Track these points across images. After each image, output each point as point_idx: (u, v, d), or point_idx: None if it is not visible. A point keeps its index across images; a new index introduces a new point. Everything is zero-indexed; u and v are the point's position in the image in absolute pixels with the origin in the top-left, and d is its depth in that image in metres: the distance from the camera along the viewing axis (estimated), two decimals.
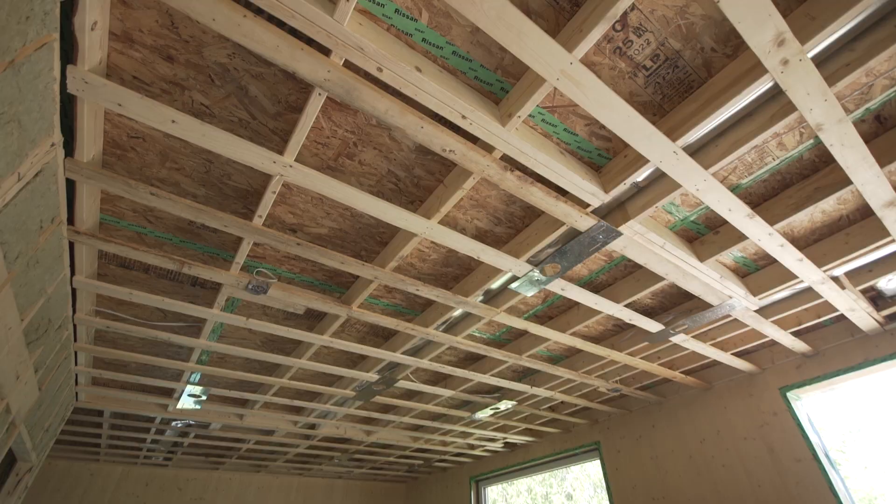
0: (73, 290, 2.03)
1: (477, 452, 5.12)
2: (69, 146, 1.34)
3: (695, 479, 3.23)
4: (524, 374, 3.36)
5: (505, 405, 3.56)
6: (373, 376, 2.96)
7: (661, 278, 2.12)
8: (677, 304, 2.52)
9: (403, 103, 1.27)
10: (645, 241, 1.83)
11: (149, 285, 2.14)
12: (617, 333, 2.84)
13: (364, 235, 1.92)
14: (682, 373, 3.26)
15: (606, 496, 3.77)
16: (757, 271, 2.28)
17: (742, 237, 1.88)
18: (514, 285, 2.04)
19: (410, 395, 3.63)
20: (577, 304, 2.51)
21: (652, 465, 3.55)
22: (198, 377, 3.06)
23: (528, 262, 1.93)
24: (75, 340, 2.40)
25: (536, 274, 1.97)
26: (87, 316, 2.18)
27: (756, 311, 2.46)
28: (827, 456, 2.75)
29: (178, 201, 1.51)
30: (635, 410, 3.88)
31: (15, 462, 2.60)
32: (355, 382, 3.09)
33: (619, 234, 1.74)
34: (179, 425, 3.83)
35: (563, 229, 1.75)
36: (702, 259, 2.00)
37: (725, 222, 1.95)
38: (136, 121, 1.38)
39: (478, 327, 2.66)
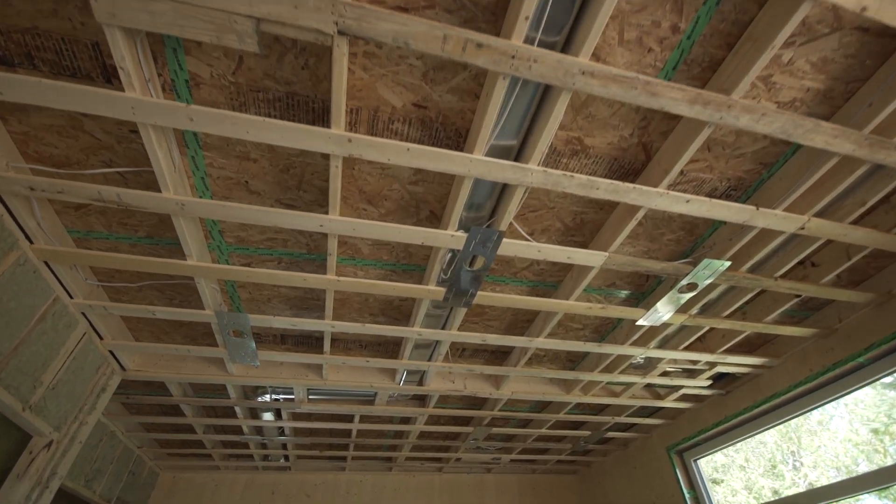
0: None
1: (669, 404, 3.45)
2: None
3: None
4: (743, 191, 1.81)
5: (708, 272, 2.02)
6: (458, 236, 1.76)
7: None
8: None
9: None
10: None
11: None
12: None
13: None
14: None
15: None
16: None
17: None
18: None
19: (539, 290, 2.32)
20: None
21: None
22: (235, 321, 2.23)
23: None
24: (31, 243, 1.71)
25: None
26: (3, 173, 1.44)
27: None
28: None
29: None
30: None
31: (29, 440, 2.00)
32: (435, 266, 1.93)
33: None
34: (265, 399, 3.08)
35: None
36: None
37: None
38: None
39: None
